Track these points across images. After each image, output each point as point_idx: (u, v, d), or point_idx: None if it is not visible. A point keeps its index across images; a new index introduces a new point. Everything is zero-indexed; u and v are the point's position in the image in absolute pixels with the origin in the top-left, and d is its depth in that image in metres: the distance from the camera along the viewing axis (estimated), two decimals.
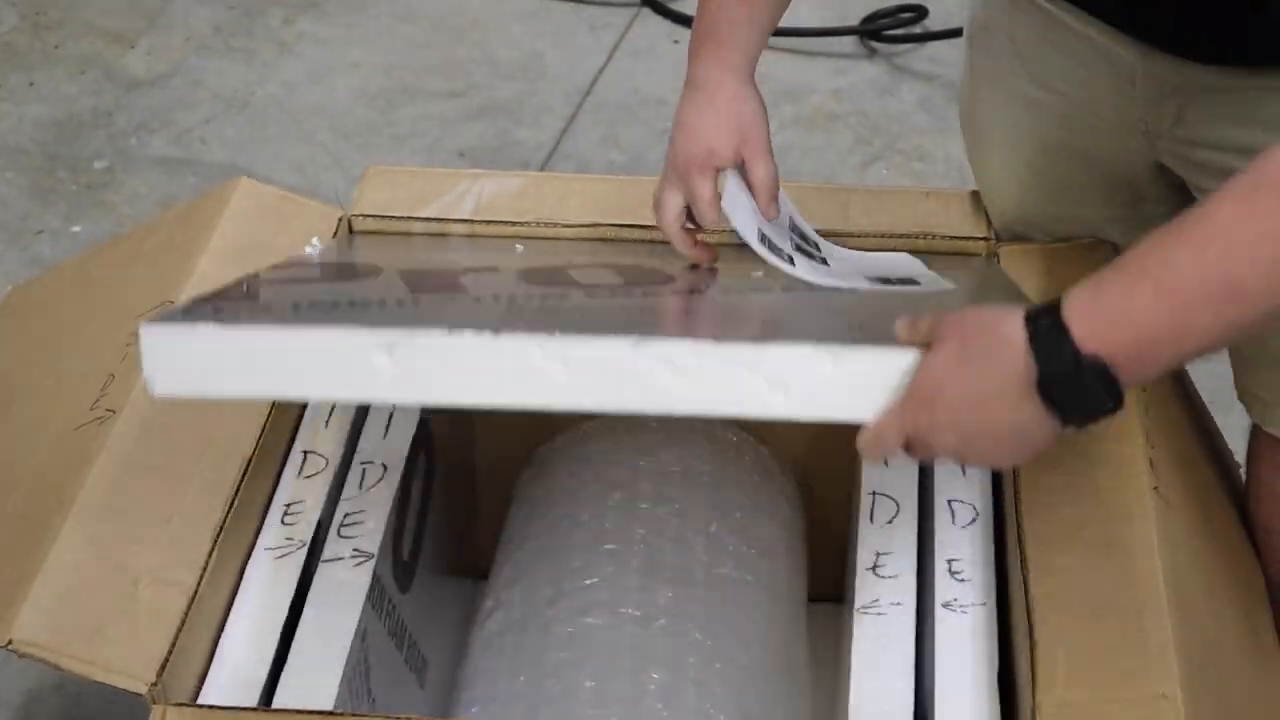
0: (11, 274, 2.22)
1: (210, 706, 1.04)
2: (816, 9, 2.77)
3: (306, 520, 1.19)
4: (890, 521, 1.20)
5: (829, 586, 1.48)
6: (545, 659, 1.25)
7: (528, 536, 1.40)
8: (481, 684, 1.29)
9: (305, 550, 1.17)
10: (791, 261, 1.23)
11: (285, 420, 1.25)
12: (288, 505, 1.21)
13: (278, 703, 1.07)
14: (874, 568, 1.17)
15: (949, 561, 1.16)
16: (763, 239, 1.21)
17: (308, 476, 1.23)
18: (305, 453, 1.25)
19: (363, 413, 1.30)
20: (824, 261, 1.28)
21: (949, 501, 1.20)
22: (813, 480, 1.50)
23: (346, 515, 1.21)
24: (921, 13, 2.75)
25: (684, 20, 2.77)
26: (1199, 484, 1.27)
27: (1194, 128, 1.20)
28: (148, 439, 1.17)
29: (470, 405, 1.00)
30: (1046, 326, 0.95)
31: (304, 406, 1.29)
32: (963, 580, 1.14)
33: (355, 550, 1.18)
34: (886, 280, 1.26)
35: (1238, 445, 1.37)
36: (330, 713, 1.05)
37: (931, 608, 1.13)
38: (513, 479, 1.52)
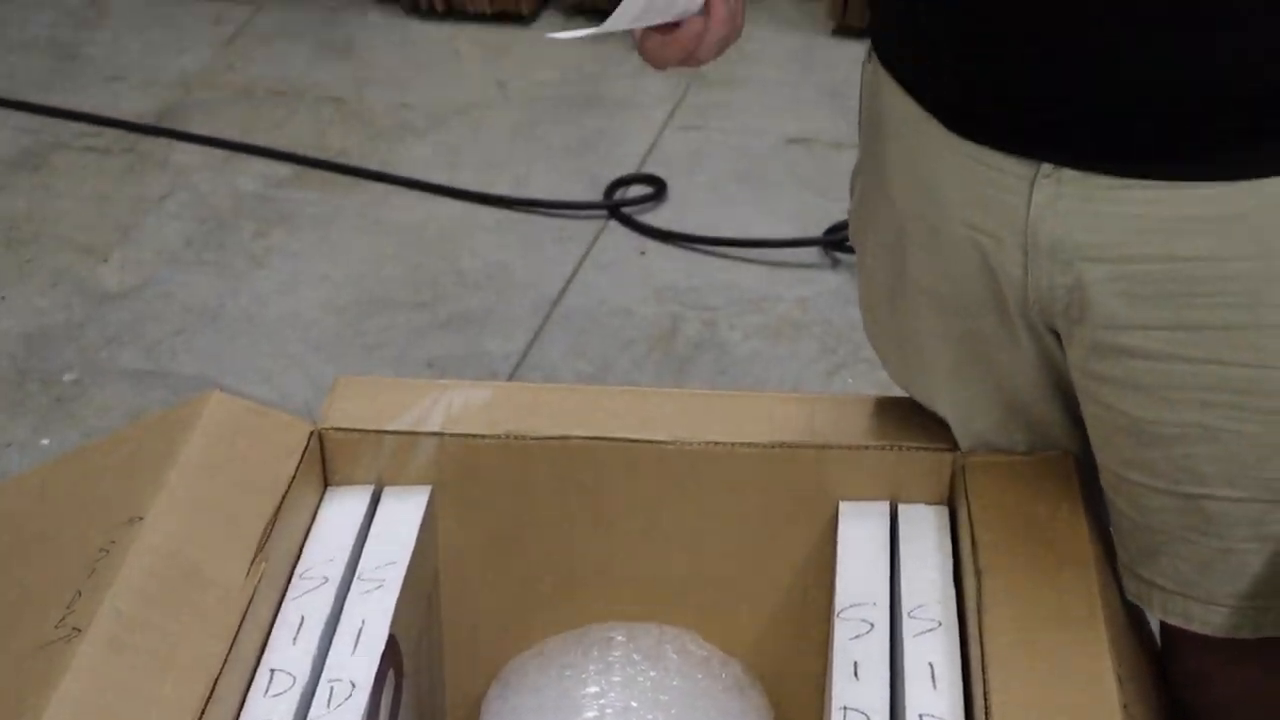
0: None
1: None
2: (781, 221, 2.82)
3: None
4: None
5: None
6: None
7: None
8: None
9: None
10: None
11: (252, 638, 1.25)
12: None
13: None
14: None
15: None
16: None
17: (275, 695, 1.22)
18: (273, 670, 1.24)
19: (331, 628, 1.29)
20: None
21: (920, 716, 1.19)
22: (783, 695, 1.49)
23: None
24: None
25: (650, 232, 2.81)
26: (1152, 696, 1.27)
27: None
28: (114, 658, 1.16)
29: None
30: None
31: (272, 623, 1.28)
32: None
33: None
34: None
35: None
36: None
37: None
38: (480, 694, 1.51)
